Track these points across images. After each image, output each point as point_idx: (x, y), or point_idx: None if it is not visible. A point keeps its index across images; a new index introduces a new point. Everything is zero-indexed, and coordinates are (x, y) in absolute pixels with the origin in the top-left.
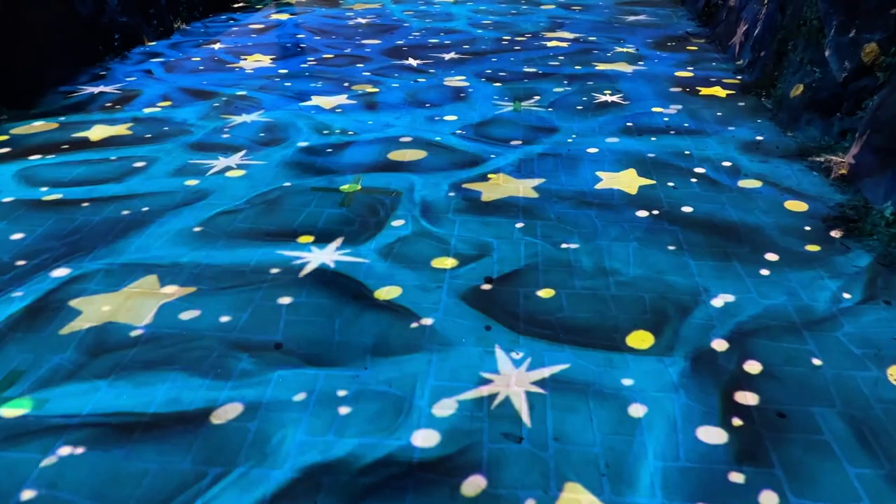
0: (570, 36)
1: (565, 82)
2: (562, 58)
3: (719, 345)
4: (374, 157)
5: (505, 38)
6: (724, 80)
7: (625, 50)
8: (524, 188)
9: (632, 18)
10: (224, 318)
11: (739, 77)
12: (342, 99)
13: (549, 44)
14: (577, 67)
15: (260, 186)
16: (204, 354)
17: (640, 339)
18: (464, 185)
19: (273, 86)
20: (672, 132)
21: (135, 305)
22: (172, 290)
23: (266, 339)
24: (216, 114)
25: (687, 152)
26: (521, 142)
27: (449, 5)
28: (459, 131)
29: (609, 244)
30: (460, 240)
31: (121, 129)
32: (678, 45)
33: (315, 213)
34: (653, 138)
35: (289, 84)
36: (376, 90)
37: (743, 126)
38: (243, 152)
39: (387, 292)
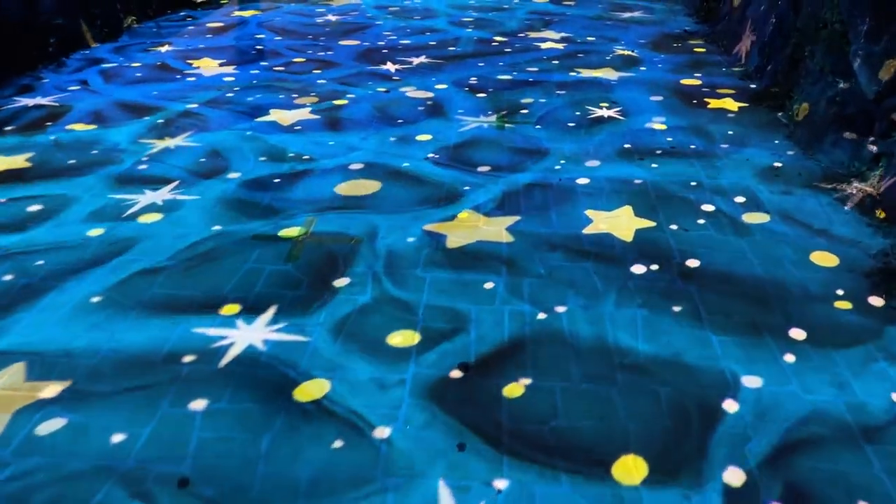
0: (560, 36)
1: (558, 92)
2: (554, 61)
3: (760, 468)
4: (332, 190)
5: (488, 38)
6: (732, 89)
7: (622, 52)
8: (507, 232)
9: (626, 15)
10: (116, 438)
11: (752, 86)
12: (303, 114)
13: (537, 45)
14: (570, 73)
15: (190, 234)
16: None
17: (659, 461)
18: (435, 230)
19: (224, 98)
20: (677, 155)
21: None
22: (45, 392)
23: (169, 470)
24: (154, 135)
25: (694, 183)
26: (501, 169)
27: (428, 0)
28: (433, 155)
29: (612, 311)
30: (430, 308)
31: (21, 162)
32: (676, 46)
33: (254, 271)
34: (654, 165)
35: (242, 96)
36: (343, 102)
37: (758, 146)
38: (174, 185)
39: (332, 390)
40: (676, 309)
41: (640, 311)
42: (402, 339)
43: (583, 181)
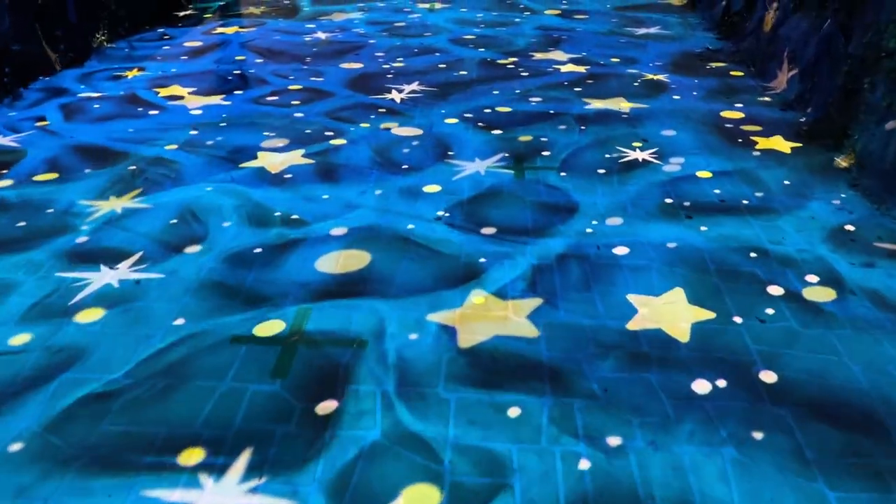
0: (571, 57)
1: (581, 128)
2: (574, 87)
3: None
4: (327, 267)
5: (493, 59)
6: (776, 123)
7: (647, 77)
8: (546, 328)
9: (641, 31)
10: None
11: (796, 116)
12: (294, 157)
13: (550, 68)
14: (591, 104)
15: (154, 335)
16: None
17: None
18: (453, 323)
19: (202, 139)
20: (729, 211)
21: None
22: None
23: None
24: (117, 190)
25: (755, 254)
26: (527, 232)
27: (425, 14)
28: (444, 213)
29: (691, 451)
30: (459, 450)
31: None
32: (701, 66)
33: (232, 394)
34: (704, 227)
35: (223, 135)
36: (339, 142)
37: (820, 198)
38: (137, 258)
39: None
40: (771, 445)
41: (726, 451)
42: (421, 494)
43: (622, 250)
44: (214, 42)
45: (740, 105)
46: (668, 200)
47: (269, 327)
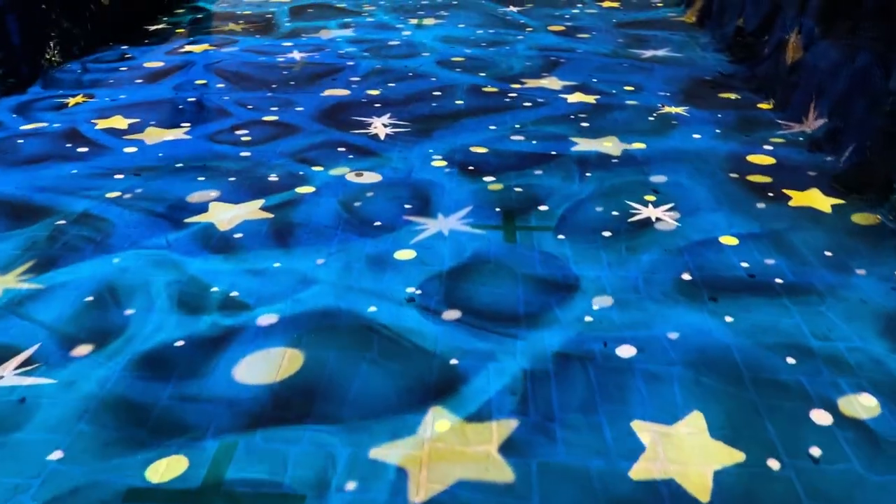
0: (571, 84)
1: (586, 174)
2: (575, 121)
3: None
4: (266, 374)
5: (485, 87)
6: (806, 169)
7: (657, 111)
8: (540, 475)
9: (647, 53)
10: None
11: (828, 159)
12: (248, 211)
13: (547, 97)
14: (588, 146)
15: (31, 485)
16: None
17: None
18: (419, 463)
19: (140, 190)
20: (761, 292)
21: None
22: None
23: None
24: (28, 257)
25: (793, 359)
26: (517, 319)
27: (414, 31)
28: (416, 291)
29: None
30: None
31: None
32: (714, 95)
33: None
34: (729, 319)
35: (166, 185)
36: (301, 191)
37: (871, 274)
38: (27, 356)
39: None
40: None
41: None
42: None
43: (633, 351)
44: (177, 64)
45: (764, 146)
46: (687, 277)
47: (177, 471)
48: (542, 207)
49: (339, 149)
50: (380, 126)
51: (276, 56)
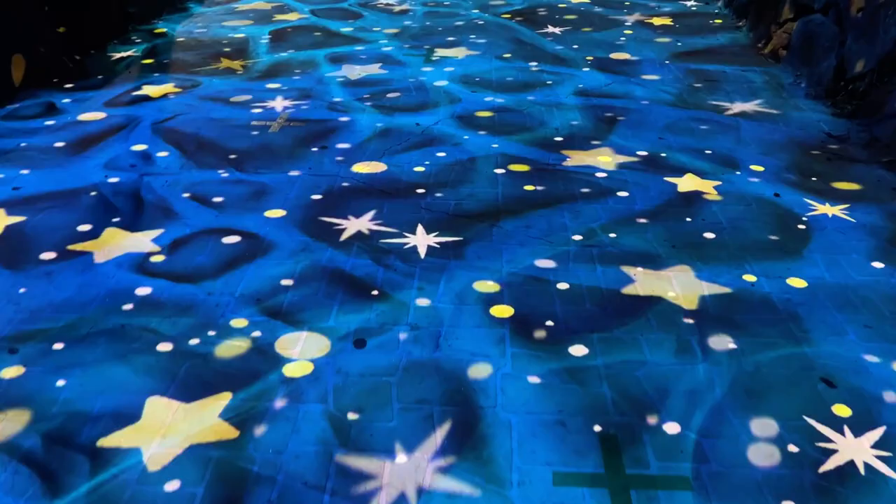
0: (640, 157)
1: (710, 344)
2: (659, 231)
3: None
4: None
5: (521, 159)
6: None
7: (776, 207)
8: None
9: (727, 105)
10: None
11: None
12: (183, 443)
13: (611, 183)
14: (694, 290)
15: None
16: None
17: None
18: None
19: (22, 373)
20: None
21: None
22: None
23: None
24: None
25: None
26: None
27: (418, 66)
28: None
29: None
30: None
31: None
32: (837, 172)
33: None
34: None
35: (56, 362)
36: (270, 391)
37: None
38: None
39: None
40: None
41: None
42: None
43: None
44: (117, 122)
45: None
46: None
47: None
48: (652, 419)
49: (328, 285)
50: (384, 235)
51: (251, 106)
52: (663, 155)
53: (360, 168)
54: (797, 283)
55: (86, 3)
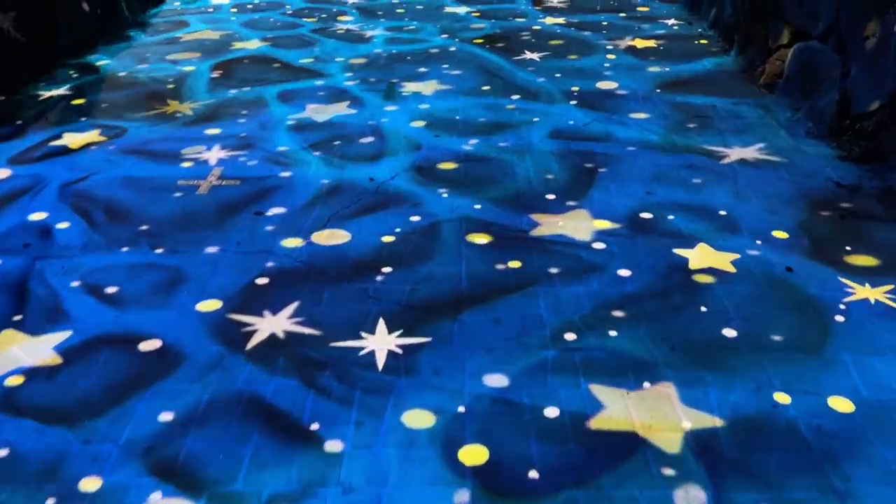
0: (615, 225)
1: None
2: (662, 321)
3: None
4: None
5: (480, 232)
6: None
7: (794, 291)
8: None
9: (733, 156)
10: None
11: None
12: None
13: (597, 258)
14: (703, 424)
15: None
16: None
17: None
18: None
19: None
20: None
21: None
22: None
23: None
24: None
25: None
26: None
27: (379, 105)
28: None
29: None
30: None
31: None
32: (847, 231)
33: None
34: None
35: None
36: None
37: None
38: None
39: None
40: None
41: None
42: None
43: None
44: (22, 184)
45: None
46: None
47: None
48: None
49: (245, 424)
50: (301, 332)
51: (180, 159)
52: (651, 216)
53: (296, 242)
54: (831, 401)
55: (4, 34)
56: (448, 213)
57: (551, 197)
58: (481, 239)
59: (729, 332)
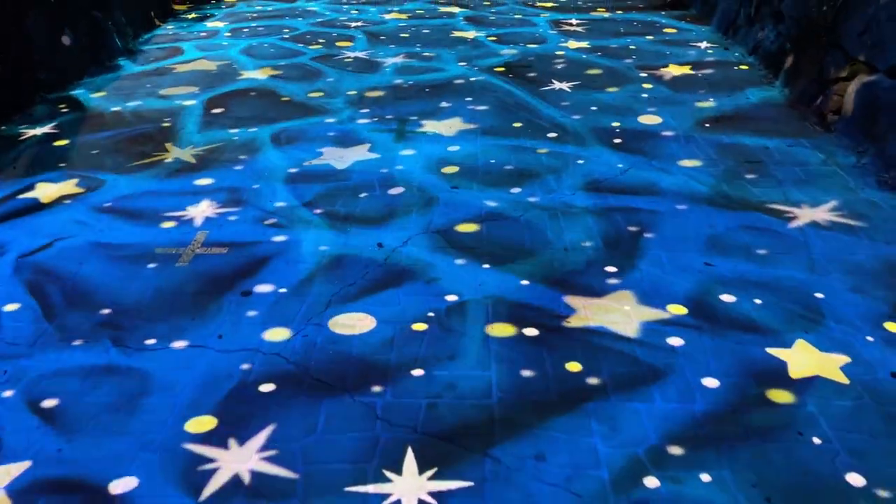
0: (675, 311)
1: None
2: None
3: None
4: None
5: (511, 322)
6: None
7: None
8: None
9: (801, 219)
10: None
11: None
12: None
13: (622, 365)
14: None
15: None
16: None
17: None
18: None
19: None
20: None
21: None
22: None
23: None
24: None
25: None
26: None
27: (392, 147)
28: None
29: None
30: None
31: None
32: None
33: None
34: None
35: None
36: None
37: None
38: None
39: None
40: None
41: None
42: None
43: None
44: None
45: None
46: None
47: None
48: None
49: None
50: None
51: (161, 219)
52: (715, 302)
53: (285, 334)
54: None
55: None
56: (471, 292)
57: (591, 271)
58: (508, 331)
59: (853, 478)
